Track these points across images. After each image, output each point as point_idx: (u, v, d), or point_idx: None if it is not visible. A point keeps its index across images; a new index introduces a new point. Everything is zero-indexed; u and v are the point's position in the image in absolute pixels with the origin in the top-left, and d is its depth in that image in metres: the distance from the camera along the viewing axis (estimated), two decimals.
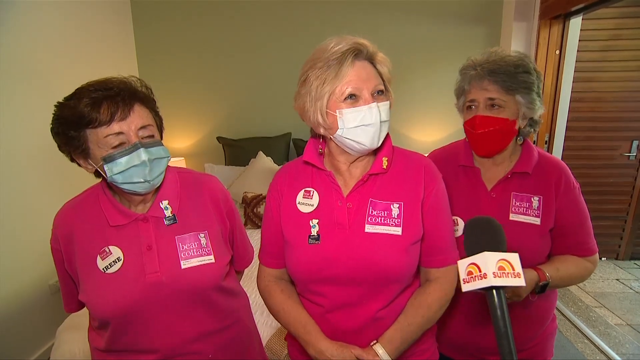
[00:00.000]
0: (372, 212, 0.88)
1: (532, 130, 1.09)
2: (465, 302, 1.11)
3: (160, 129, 0.94)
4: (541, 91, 1.04)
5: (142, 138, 0.85)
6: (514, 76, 0.99)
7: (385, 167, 0.90)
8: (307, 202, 0.92)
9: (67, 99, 0.84)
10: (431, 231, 0.89)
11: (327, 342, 0.86)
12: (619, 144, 3.19)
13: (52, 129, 0.85)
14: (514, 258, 0.61)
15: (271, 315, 1.64)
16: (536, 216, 1.04)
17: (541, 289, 1.00)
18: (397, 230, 0.86)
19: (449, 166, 1.16)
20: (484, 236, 0.65)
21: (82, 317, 1.62)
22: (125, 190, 0.88)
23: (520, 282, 0.60)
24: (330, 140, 0.90)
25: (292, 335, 0.97)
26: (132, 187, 0.86)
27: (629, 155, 3.19)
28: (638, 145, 3.16)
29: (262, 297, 1.00)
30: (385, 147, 0.92)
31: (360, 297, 0.87)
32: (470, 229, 0.69)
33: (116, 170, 0.82)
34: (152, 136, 0.88)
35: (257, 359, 1.12)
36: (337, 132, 0.84)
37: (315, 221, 0.90)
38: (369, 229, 0.87)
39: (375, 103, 0.82)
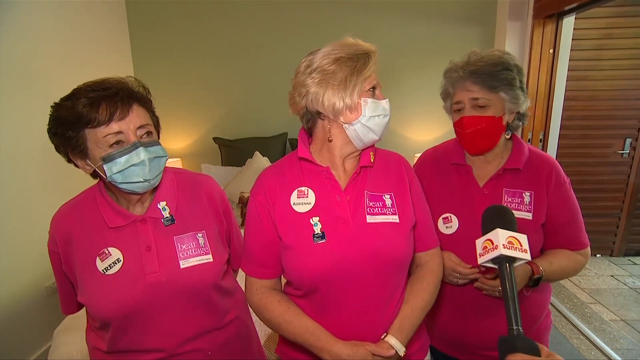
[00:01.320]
0: (369, 203, 0.91)
1: (521, 123, 1.11)
2: (455, 296, 1.12)
3: (157, 128, 0.94)
4: (525, 85, 1.07)
5: (140, 137, 0.86)
6: (494, 74, 1.02)
7: (373, 161, 0.95)
8: (303, 201, 0.91)
9: (64, 99, 0.84)
10: (418, 217, 0.96)
11: (340, 345, 0.85)
12: (613, 142, 3.22)
13: (49, 130, 0.85)
14: (522, 237, 0.73)
15: None
16: (528, 211, 1.06)
17: (535, 283, 1.01)
18: (395, 218, 0.91)
19: (441, 165, 1.19)
20: (498, 219, 0.76)
21: (79, 319, 1.62)
22: (124, 189, 0.88)
23: (526, 256, 0.71)
24: (336, 131, 0.90)
25: (286, 345, 0.97)
26: (131, 187, 0.87)
27: (622, 153, 3.22)
28: (631, 142, 3.20)
29: (256, 311, 0.95)
30: None
31: (368, 292, 0.87)
32: (486, 214, 0.80)
33: (115, 169, 0.83)
34: (150, 134, 0.89)
35: (256, 356, 1.13)
36: (358, 119, 0.87)
37: (315, 219, 0.89)
38: (370, 219, 0.89)
39: (388, 99, 0.91)
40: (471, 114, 1.05)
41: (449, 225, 1.11)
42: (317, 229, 0.88)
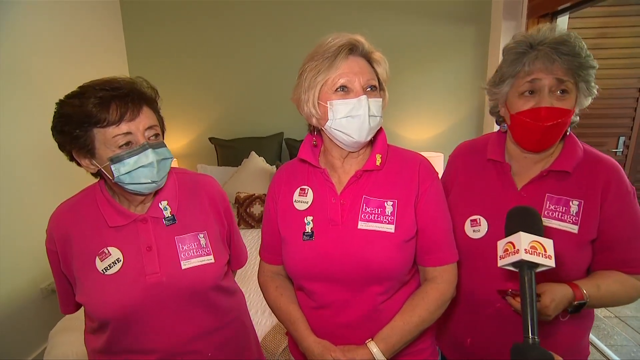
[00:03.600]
0: (365, 209, 0.88)
1: (578, 118, 0.96)
2: (468, 303, 1.03)
3: (163, 129, 0.94)
4: None
5: (148, 138, 0.85)
6: (582, 59, 0.85)
7: (379, 164, 0.91)
8: (302, 199, 0.94)
9: (69, 97, 0.83)
10: (426, 229, 0.89)
11: (311, 340, 0.88)
12: (606, 140, 3.25)
13: (54, 127, 0.84)
14: (547, 242, 0.68)
15: (265, 315, 1.66)
16: (573, 223, 0.89)
17: (575, 309, 0.86)
18: (390, 228, 0.86)
19: (476, 160, 1.05)
20: (522, 222, 0.72)
21: (75, 320, 1.61)
22: (130, 190, 0.87)
23: (550, 263, 0.67)
24: (324, 134, 0.92)
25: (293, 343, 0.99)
26: (137, 188, 0.86)
27: (616, 151, 3.25)
28: (624, 141, 3.23)
29: (261, 291, 1.03)
30: (378, 144, 0.93)
31: (354, 294, 0.87)
32: (510, 216, 0.76)
33: (124, 170, 0.82)
34: (158, 136, 0.89)
35: (255, 356, 1.13)
36: (327, 123, 0.86)
37: (309, 218, 0.91)
38: (361, 225, 0.87)
39: (365, 96, 0.83)
40: (551, 104, 0.86)
41: (477, 228, 0.97)
42: (308, 228, 0.90)
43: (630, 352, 2.30)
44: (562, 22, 2.57)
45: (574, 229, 0.89)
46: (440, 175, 1.01)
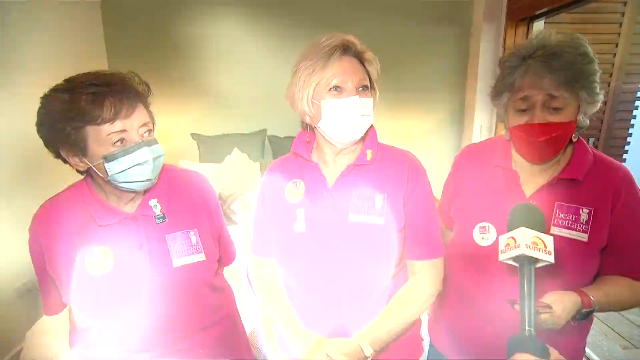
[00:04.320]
0: (356, 202, 0.91)
1: (588, 121, 0.92)
2: (478, 311, 1.00)
3: (154, 125, 0.92)
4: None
5: (142, 135, 0.83)
6: (579, 68, 0.82)
7: (369, 159, 0.93)
8: (294, 192, 0.96)
9: (56, 91, 0.79)
10: (413, 224, 0.92)
11: (299, 333, 0.91)
12: None
13: (41, 124, 0.80)
14: (548, 239, 0.71)
15: (251, 313, 1.66)
16: (583, 231, 0.88)
17: (583, 317, 0.86)
18: (380, 220, 0.89)
19: (483, 165, 1.03)
20: (525, 218, 0.74)
21: (52, 320, 1.57)
22: (123, 188, 0.85)
23: (550, 258, 0.69)
24: (317, 131, 0.94)
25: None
26: (132, 186, 0.84)
27: None
28: (594, 142, 3.38)
29: (250, 285, 1.06)
30: (369, 140, 0.96)
31: (343, 286, 0.90)
32: (513, 212, 0.77)
33: (118, 169, 0.80)
34: (151, 132, 0.86)
35: (245, 352, 1.14)
36: (320, 122, 0.88)
37: (301, 210, 0.93)
38: (352, 218, 0.90)
39: (357, 96, 0.86)
40: (543, 120, 0.84)
41: (486, 236, 0.96)
42: (300, 220, 0.92)
43: (596, 342, 2.43)
44: (538, 27, 2.66)
45: (584, 237, 0.88)
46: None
